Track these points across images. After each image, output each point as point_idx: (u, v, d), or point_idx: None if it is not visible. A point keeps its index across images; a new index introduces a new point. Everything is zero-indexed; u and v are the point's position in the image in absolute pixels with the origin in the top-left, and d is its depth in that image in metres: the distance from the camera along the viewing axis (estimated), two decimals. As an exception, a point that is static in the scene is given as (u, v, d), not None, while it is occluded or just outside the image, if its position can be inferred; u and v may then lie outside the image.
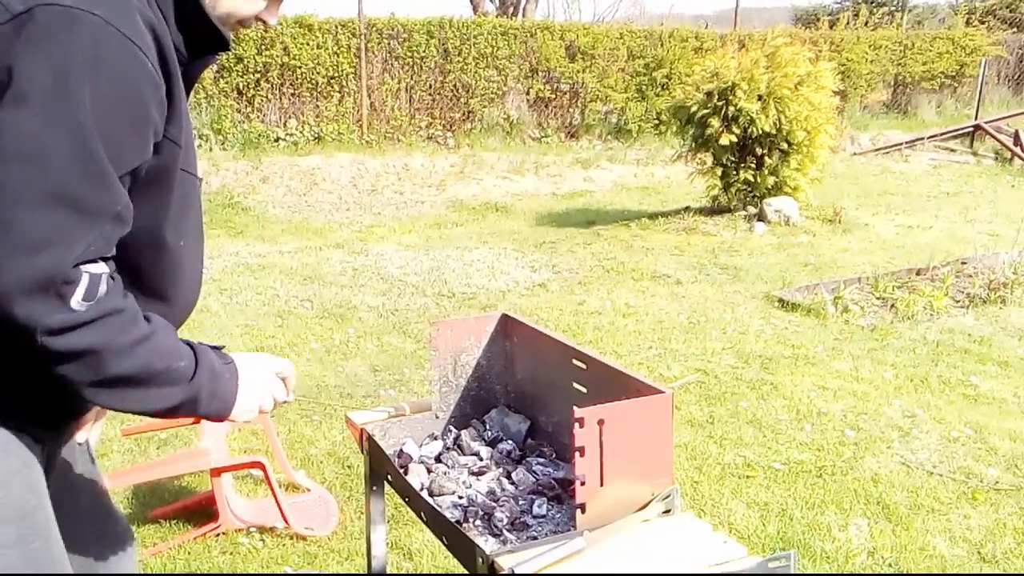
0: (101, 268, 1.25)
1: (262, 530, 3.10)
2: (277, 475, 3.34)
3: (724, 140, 8.07)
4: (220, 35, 1.45)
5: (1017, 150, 12.85)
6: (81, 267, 1.21)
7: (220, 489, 3.02)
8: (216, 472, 2.99)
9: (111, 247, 1.28)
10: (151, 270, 1.43)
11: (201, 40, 1.44)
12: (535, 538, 1.73)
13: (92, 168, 1.21)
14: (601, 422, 1.60)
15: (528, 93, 12.98)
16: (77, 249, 1.21)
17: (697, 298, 6.10)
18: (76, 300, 1.21)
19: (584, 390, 1.97)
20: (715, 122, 8.11)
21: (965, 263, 6.72)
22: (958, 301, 5.93)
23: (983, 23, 18.12)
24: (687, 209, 8.91)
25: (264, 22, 1.50)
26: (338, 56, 11.69)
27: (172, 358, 1.34)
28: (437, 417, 2.27)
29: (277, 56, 11.36)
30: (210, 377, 1.38)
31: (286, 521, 3.04)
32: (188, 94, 1.49)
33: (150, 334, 1.31)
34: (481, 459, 2.10)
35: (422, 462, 2.10)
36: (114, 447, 3.73)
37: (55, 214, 1.19)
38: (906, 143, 13.63)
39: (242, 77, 11.31)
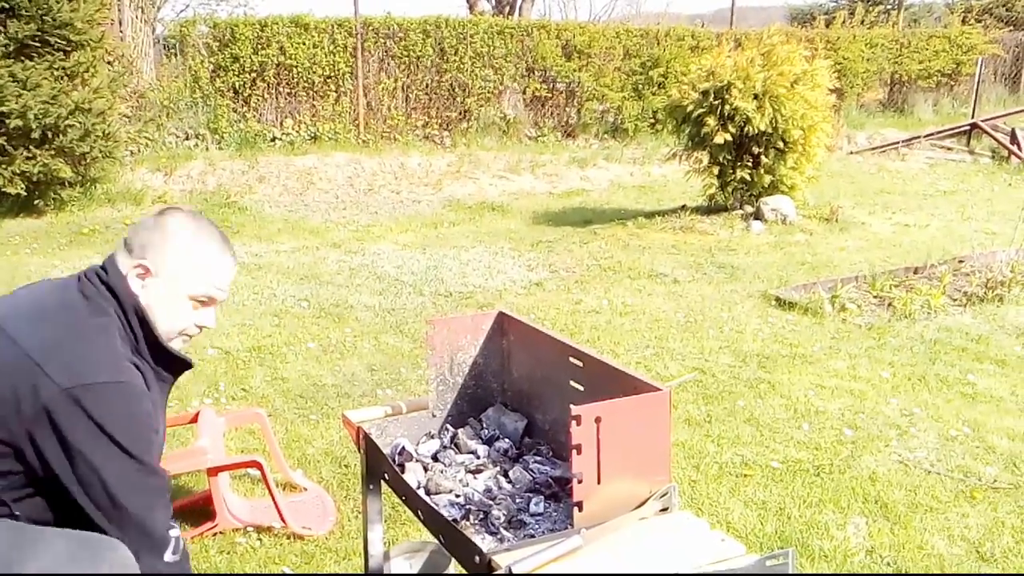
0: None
1: (259, 529, 3.10)
2: (274, 474, 3.33)
3: (720, 139, 8.06)
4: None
5: (1014, 148, 12.87)
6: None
7: (217, 488, 3.01)
8: (213, 471, 2.98)
9: None
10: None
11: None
12: (532, 536, 1.73)
13: None
14: (598, 420, 1.60)
15: (524, 92, 12.98)
16: None
17: (694, 297, 6.10)
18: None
19: (581, 388, 1.96)
20: (711, 121, 8.11)
21: (962, 261, 6.72)
22: (955, 299, 5.93)
23: (979, 21, 18.16)
24: (684, 208, 8.91)
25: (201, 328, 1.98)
26: (334, 55, 11.68)
27: None
28: (434, 416, 2.26)
29: (273, 55, 11.35)
30: None
31: (283, 520, 3.03)
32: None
33: None
34: (478, 457, 2.10)
35: (419, 461, 2.10)
36: (110, 447, 3.71)
37: None
38: (903, 142, 13.64)
39: (238, 76, 11.29)
